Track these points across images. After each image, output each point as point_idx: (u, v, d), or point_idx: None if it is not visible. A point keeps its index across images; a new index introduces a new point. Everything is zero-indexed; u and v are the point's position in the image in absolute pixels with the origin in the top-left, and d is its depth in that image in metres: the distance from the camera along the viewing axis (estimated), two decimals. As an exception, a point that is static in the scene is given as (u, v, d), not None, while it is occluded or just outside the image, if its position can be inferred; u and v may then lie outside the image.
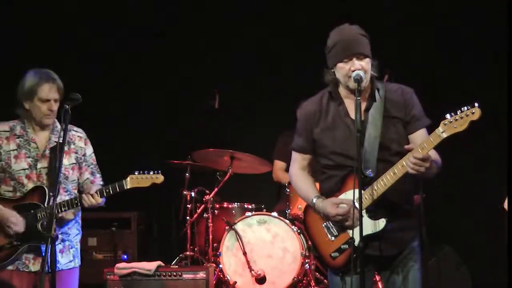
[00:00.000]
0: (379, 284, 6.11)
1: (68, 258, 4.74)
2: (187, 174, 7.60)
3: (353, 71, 3.93)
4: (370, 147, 3.92)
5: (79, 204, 4.63)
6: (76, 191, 4.84)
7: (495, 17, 6.85)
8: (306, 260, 6.90)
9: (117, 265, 6.21)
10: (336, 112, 4.11)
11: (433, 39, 7.76)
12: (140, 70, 8.64)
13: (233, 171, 7.43)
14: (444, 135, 3.64)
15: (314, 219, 4.17)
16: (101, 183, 4.91)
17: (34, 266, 4.59)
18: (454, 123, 3.60)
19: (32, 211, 4.57)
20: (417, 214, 4.26)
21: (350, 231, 3.96)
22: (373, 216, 3.87)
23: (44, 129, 4.75)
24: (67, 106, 4.32)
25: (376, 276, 4.89)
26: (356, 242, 3.86)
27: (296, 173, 4.34)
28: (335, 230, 4.05)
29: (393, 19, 7.78)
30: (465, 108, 3.59)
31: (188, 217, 7.49)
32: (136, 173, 4.70)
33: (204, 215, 7.40)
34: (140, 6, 8.53)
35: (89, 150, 4.94)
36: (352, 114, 4.01)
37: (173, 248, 7.62)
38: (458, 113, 3.60)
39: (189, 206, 7.53)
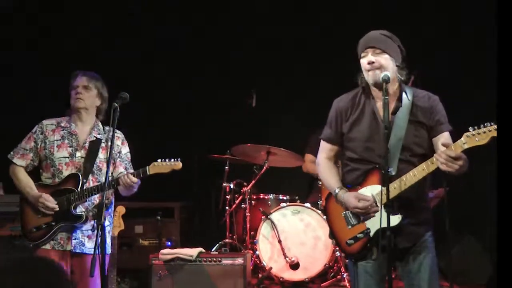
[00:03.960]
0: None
1: (93, 245, 4.72)
2: (226, 167, 7.62)
3: (368, 63, 3.95)
4: (393, 147, 3.90)
5: (106, 188, 4.69)
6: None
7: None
8: (337, 248, 6.89)
9: (162, 251, 6.24)
10: (366, 110, 4.10)
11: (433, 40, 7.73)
12: (184, 69, 8.71)
13: (269, 164, 7.44)
14: (466, 146, 3.63)
15: (334, 206, 4.17)
16: None
17: (68, 245, 4.74)
18: (476, 137, 3.59)
19: (67, 195, 4.73)
20: (441, 206, 4.22)
21: (367, 223, 3.98)
22: (390, 211, 3.85)
23: (85, 124, 4.95)
24: (116, 104, 4.39)
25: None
26: (372, 233, 3.92)
27: (323, 162, 4.34)
28: (353, 220, 4.05)
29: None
30: (488, 124, 3.57)
31: (227, 207, 7.52)
32: (158, 160, 4.76)
33: (242, 205, 7.44)
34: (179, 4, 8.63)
35: (125, 149, 5.10)
36: (381, 113, 3.98)
37: (213, 236, 7.63)
38: (481, 127, 3.59)
39: (228, 197, 7.57)
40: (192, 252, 6.17)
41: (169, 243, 7.63)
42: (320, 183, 7.29)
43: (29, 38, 8.29)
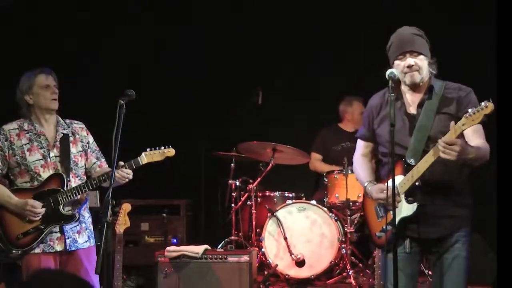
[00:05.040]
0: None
1: (84, 239, 4.78)
2: (232, 165, 7.62)
3: (407, 67, 4.02)
4: (418, 138, 3.97)
5: (94, 186, 4.68)
6: (84, 176, 4.89)
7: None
8: (343, 245, 6.91)
9: (167, 248, 6.25)
10: (394, 105, 4.14)
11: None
12: (190, 69, 8.73)
13: (275, 162, 7.43)
14: (464, 127, 3.69)
15: (369, 202, 4.27)
16: (107, 166, 4.99)
17: (59, 246, 4.67)
18: (472, 117, 3.65)
19: (53, 196, 4.64)
20: (472, 205, 4.20)
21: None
22: (410, 201, 3.90)
23: (49, 122, 4.85)
24: (122, 102, 4.27)
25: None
26: (396, 224, 3.91)
27: (358, 158, 4.44)
28: (381, 212, 4.13)
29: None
30: (482, 103, 3.64)
31: (233, 205, 7.52)
32: (148, 149, 4.76)
33: (248, 202, 7.44)
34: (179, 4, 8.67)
35: (91, 138, 5.03)
36: (409, 109, 4.10)
37: (219, 233, 7.65)
38: (477, 107, 3.65)
39: (234, 194, 7.57)
40: (198, 249, 6.18)
41: (175, 240, 7.64)
42: (326, 180, 7.29)
43: (28, 37, 8.31)
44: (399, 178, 3.98)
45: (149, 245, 7.66)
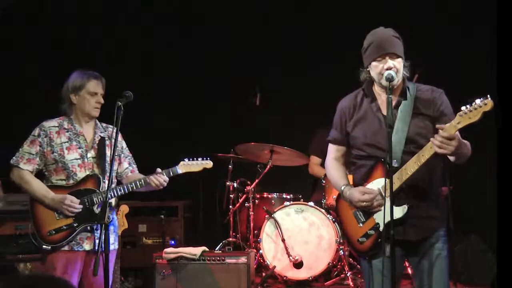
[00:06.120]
0: (409, 269, 6.11)
1: (110, 241, 4.73)
2: (230, 166, 7.63)
3: (386, 69, 3.97)
4: (397, 140, 3.94)
5: (130, 190, 4.72)
6: (115, 180, 4.93)
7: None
8: (340, 247, 6.93)
9: (165, 250, 6.27)
10: (368, 107, 4.15)
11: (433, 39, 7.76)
12: (189, 69, 8.75)
13: (272, 163, 7.46)
14: (459, 126, 3.66)
15: (345, 207, 4.20)
16: (138, 172, 5.04)
17: (88, 245, 4.69)
18: (468, 114, 3.62)
19: (88, 195, 4.67)
20: (445, 205, 4.22)
21: (376, 218, 3.99)
22: (398, 203, 3.88)
23: (88, 124, 4.88)
24: (120, 103, 4.34)
25: (406, 262, 4.87)
26: (381, 228, 3.92)
27: (330, 162, 4.40)
28: (362, 217, 4.07)
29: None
30: (479, 100, 3.60)
31: (231, 206, 7.55)
32: (186, 159, 4.85)
33: (246, 204, 7.47)
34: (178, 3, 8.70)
35: (124, 144, 5.08)
36: (384, 110, 4.04)
37: (217, 235, 7.66)
38: (473, 104, 3.61)
39: (232, 196, 7.60)
40: (195, 251, 6.20)
41: (173, 242, 7.66)
42: (324, 182, 7.31)
43: (29, 37, 8.33)
44: (380, 181, 3.96)
45: (146, 247, 7.67)
